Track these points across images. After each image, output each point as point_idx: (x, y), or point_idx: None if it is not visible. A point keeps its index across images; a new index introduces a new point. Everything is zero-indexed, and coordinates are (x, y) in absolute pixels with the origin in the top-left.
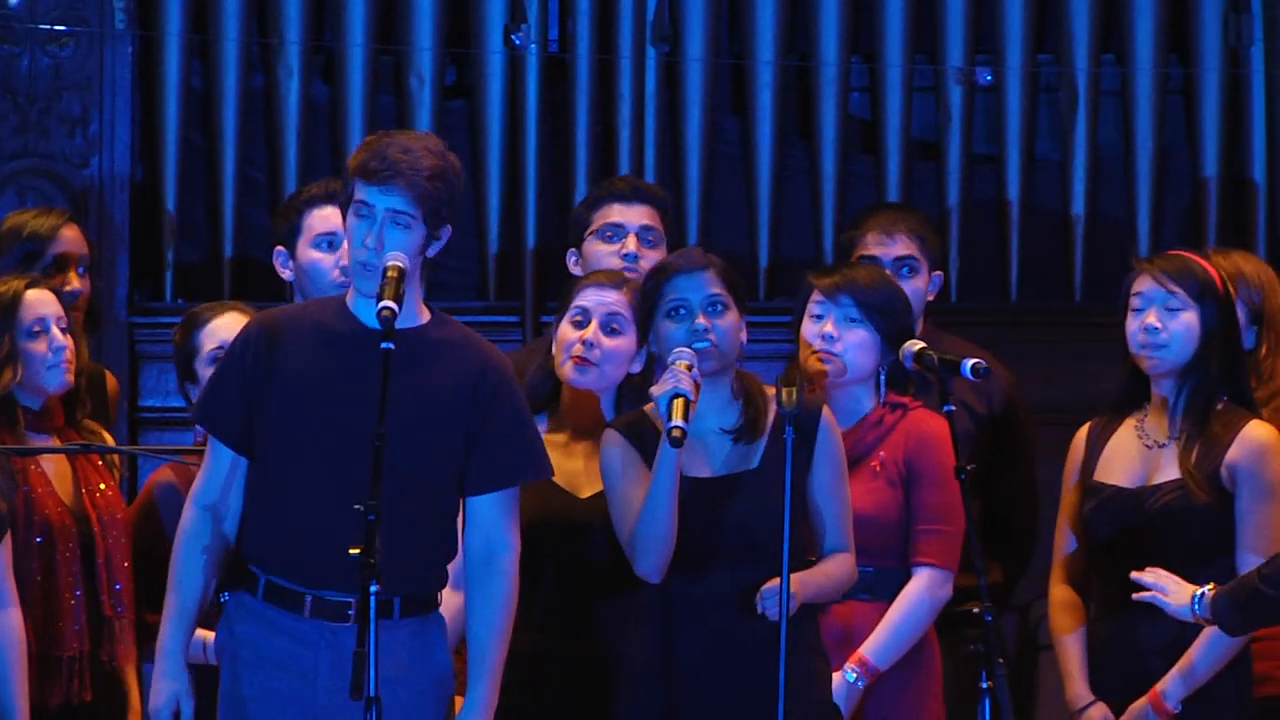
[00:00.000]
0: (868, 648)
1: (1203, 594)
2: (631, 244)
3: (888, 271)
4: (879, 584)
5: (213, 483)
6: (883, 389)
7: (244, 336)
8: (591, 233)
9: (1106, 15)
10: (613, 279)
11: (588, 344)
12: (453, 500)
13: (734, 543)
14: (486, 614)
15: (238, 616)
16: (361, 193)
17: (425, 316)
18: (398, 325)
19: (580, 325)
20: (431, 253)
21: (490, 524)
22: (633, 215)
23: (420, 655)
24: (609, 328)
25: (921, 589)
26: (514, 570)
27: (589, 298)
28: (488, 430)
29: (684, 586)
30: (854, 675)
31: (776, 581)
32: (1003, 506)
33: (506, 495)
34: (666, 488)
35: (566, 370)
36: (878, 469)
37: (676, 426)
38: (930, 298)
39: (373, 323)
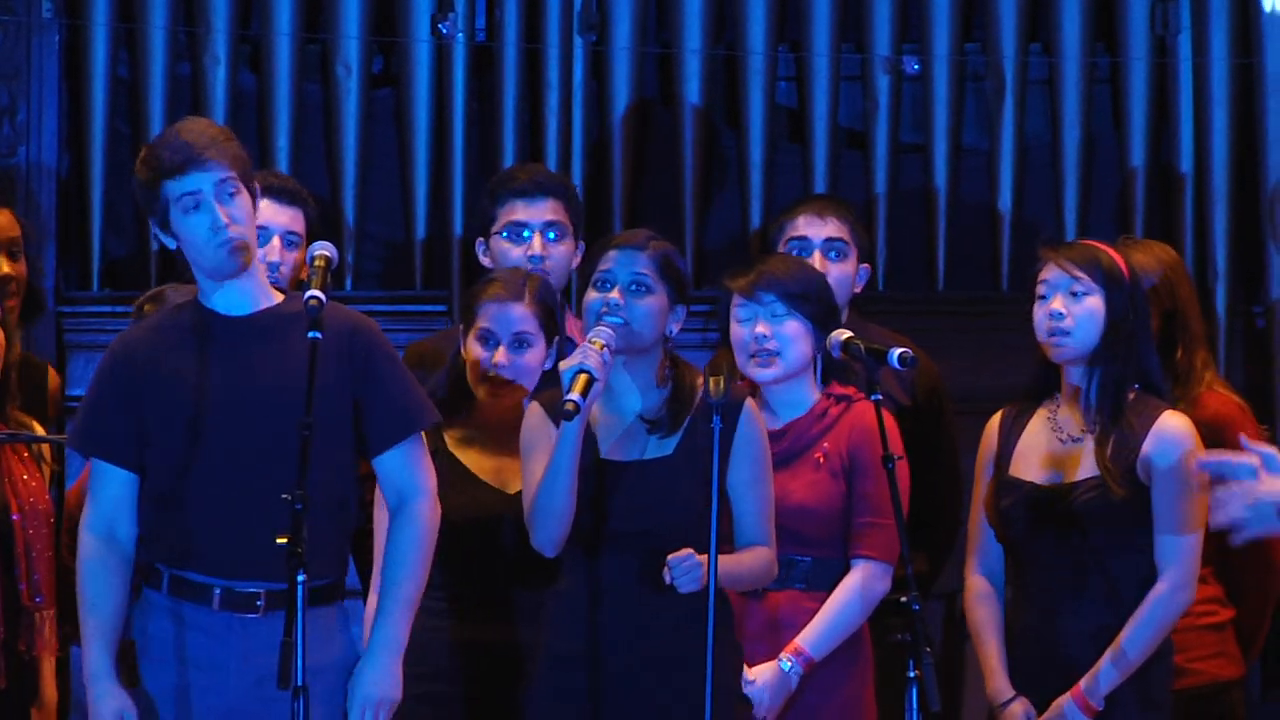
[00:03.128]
0: (804, 638)
1: None
2: (536, 245)
3: (802, 258)
4: (817, 575)
5: (103, 506)
6: (819, 375)
7: (108, 360)
8: (496, 231)
9: (1034, 4)
10: (512, 290)
11: (501, 367)
12: (348, 474)
13: (643, 526)
14: (400, 554)
15: (147, 614)
16: (180, 185)
17: (275, 297)
18: (250, 310)
19: (489, 345)
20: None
21: (398, 475)
22: (535, 213)
23: (330, 645)
24: (516, 344)
25: (860, 582)
26: (426, 512)
27: (493, 317)
28: (373, 389)
29: (594, 568)
30: (789, 664)
31: (684, 552)
32: (928, 497)
33: (408, 446)
34: (565, 462)
35: (483, 392)
36: (820, 461)
37: (570, 400)
38: (857, 289)
39: (229, 309)
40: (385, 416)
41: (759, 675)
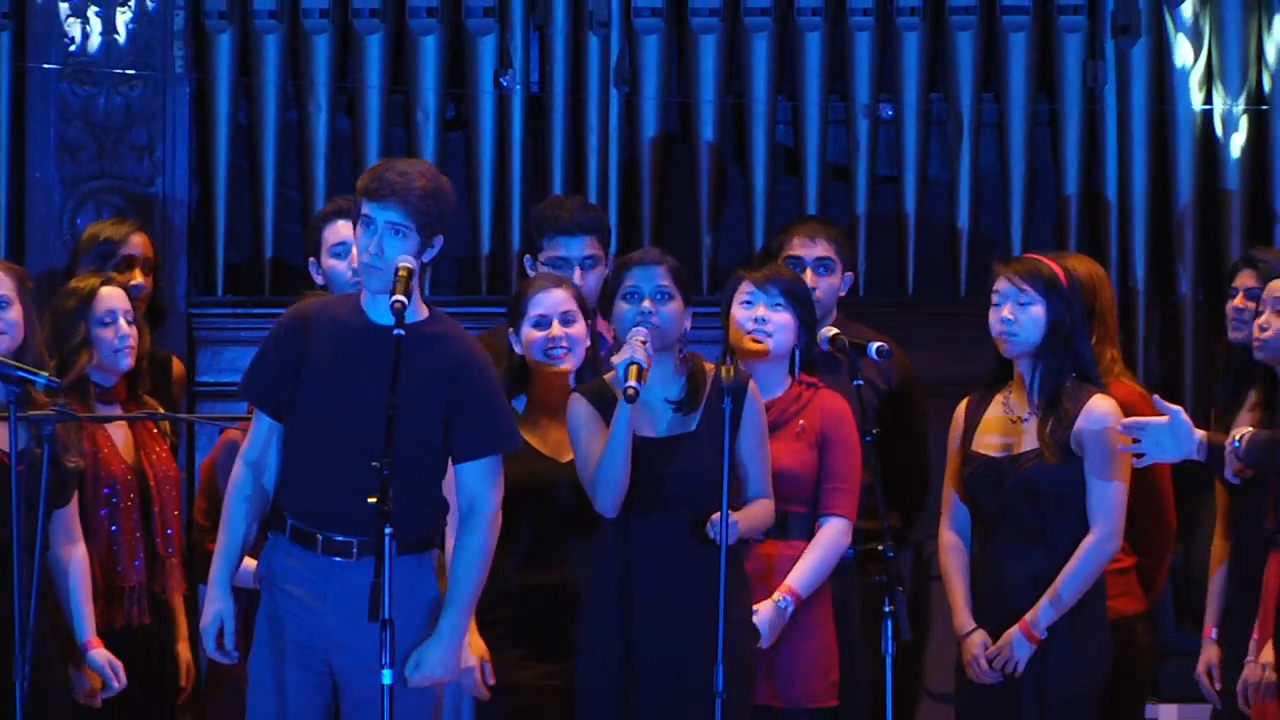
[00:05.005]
0: (794, 580)
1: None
2: (576, 277)
3: (798, 274)
4: (793, 526)
5: (255, 444)
6: (797, 367)
7: (280, 325)
8: (543, 261)
9: (986, 61)
10: (552, 280)
11: (555, 339)
12: (433, 464)
13: (674, 491)
14: (464, 559)
15: (273, 552)
16: (365, 208)
17: (423, 313)
18: (393, 321)
19: (544, 326)
20: (427, 258)
21: (472, 486)
22: (575, 249)
23: (412, 586)
24: (565, 320)
25: (835, 535)
26: (489, 524)
27: (543, 304)
28: (468, 411)
29: (634, 527)
30: (785, 603)
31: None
32: (900, 464)
33: (486, 463)
34: (622, 437)
35: (547, 364)
36: (799, 433)
37: (631, 386)
38: (842, 294)
39: (378, 318)
40: (472, 433)
41: (761, 611)
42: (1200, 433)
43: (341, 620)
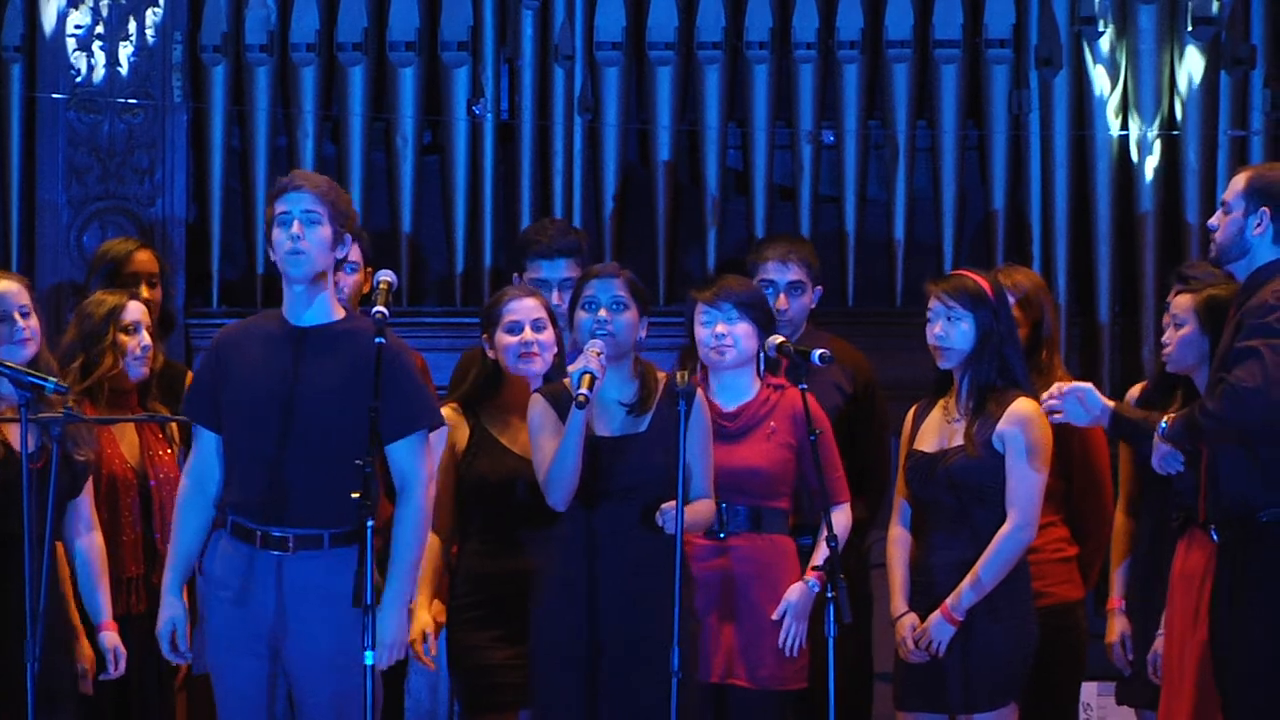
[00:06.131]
0: (817, 561)
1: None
2: (555, 298)
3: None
4: (766, 520)
5: (198, 459)
6: (761, 368)
7: (210, 347)
8: (526, 282)
9: (920, 90)
10: (523, 291)
11: (527, 344)
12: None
13: (623, 485)
14: (402, 529)
15: (216, 547)
16: (280, 205)
17: (339, 314)
18: (313, 322)
19: (516, 331)
20: (339, 254)
21: (401, 462)
22: (554, 271)
23: (343, 575)
24: (536, 326)
25: (842, 520)
26: (422, 494)
27: (516, 311)
28: (389, 395)
29: (586, 518)
30: (816, 585)
31: (671, 504)
32: (864, 461)
33: (412, 440)
34: (574, 440)
35: (521, 367)
36: (770, 434)
37: (582, 394)
38: (813, 307)
39: (297, 321)
40: (395, 414)
41: (793, 594)
42: (1109, 402)
43: (280, 611)
